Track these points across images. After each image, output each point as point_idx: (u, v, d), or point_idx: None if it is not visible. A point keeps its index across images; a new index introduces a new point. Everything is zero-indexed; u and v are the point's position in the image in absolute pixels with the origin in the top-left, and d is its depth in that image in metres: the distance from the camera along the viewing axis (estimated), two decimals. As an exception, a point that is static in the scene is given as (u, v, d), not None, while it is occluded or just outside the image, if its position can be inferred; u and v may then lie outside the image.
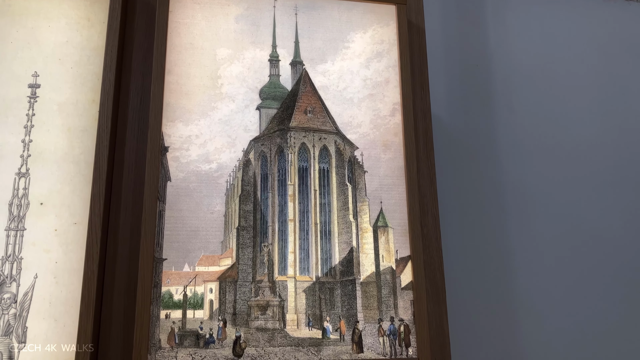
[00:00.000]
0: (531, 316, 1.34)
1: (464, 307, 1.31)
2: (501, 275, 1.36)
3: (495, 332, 1.31)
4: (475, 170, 1.44)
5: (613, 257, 1.43)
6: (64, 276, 0.98)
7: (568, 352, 1.33)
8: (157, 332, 0.99)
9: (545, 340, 1.33)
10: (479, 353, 1.29)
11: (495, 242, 1.38)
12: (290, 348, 1.02)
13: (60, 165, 1.03)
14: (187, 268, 1.03)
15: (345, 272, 1.10)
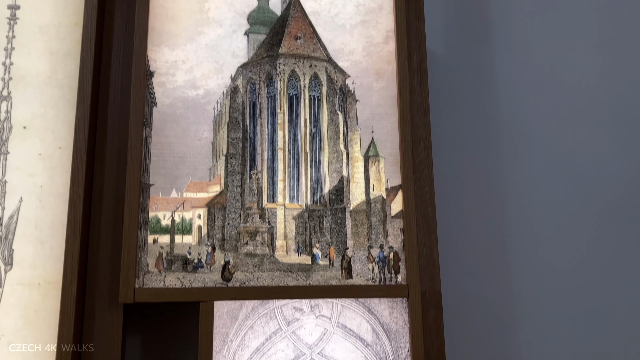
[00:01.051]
0: (524, 247, 1.34)
1: (455, 238, 1.30)
2: (494, 208, 1.35)
3: (486, 262, 1.31)
4: (471, 105, 1.41)
5: (609, 193, 1.42)
6: (50, 200, 0.97)
7: (561, 285, 1.34)
8: (145, 257, 0.98)
9: (537, 269, 1.33)
10: (470, 282, 1.29)
11: (489, 176, 1.37)
12: (280, 273, 1.02)
13: (43, 89, 1.01)
14: (174, 194, 1.02)
15: (335, 200, 1.09)
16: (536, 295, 1.32)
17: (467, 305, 1.28)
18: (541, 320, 1.31)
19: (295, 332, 1.00)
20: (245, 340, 0.98)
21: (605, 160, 1.44)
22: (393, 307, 1.05)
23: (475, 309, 1.28)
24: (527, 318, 1.30)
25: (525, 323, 1.30)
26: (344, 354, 1.01)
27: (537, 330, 1.30)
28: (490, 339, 1.27)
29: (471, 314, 1.28)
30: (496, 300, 1.30)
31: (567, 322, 1.32)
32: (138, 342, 1.12)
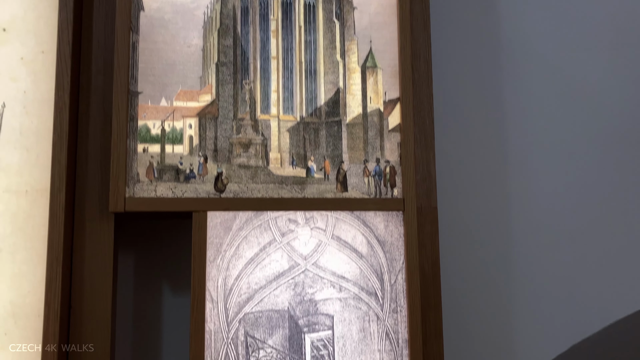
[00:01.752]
0: (522, 166, 1.32)
1: (453, 153, 1.28)
2: (494, 126, 1.32)
3: (484, 179, 1.30)
4: (473, 23, 1.35)
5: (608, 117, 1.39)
6: (34, 106, 0.93)
7: (560, 198, 1.33)
8: (135, 166, 0.96)
9: (536, 187, 1.32)
10: (466, 200, 1.28)
11: (489, 94, 1.33)
12: (274, 185, 1.00)
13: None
14: (164, 102, 0.98)
15: (330, 113, 1.05)
16: (533, 211, 1.31)
17: (463, 222, 1.27)
18: (538, 232, 1.30)
19: (290, 243, 0.99)
20: (239, 250, 0.97)
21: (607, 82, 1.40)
22: (388, 221, 1.04)
23: (471, 226, 1.27)
24: (524, 234, 1.30)
25: (522, 239, 1.29)
26: (339, 265, 1.00)
27: (534, 241, 1.30)
28: (486, 255, 1.27)
29: (468, 230, 1.27)
30: (493, 218, 1.29)
31: (564, 236, 1.31)
32: (131, 259, 1.11)
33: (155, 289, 1.12)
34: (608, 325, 1.36)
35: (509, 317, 1.28)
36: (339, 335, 0.99)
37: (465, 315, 1.25)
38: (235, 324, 0.95)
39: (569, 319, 1.32)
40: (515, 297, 1.29)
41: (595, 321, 1.35)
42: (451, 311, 1.21)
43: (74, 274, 0.94)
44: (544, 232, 1.31)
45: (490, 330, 1.27)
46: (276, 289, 0.98)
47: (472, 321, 1.26)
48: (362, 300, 1.01)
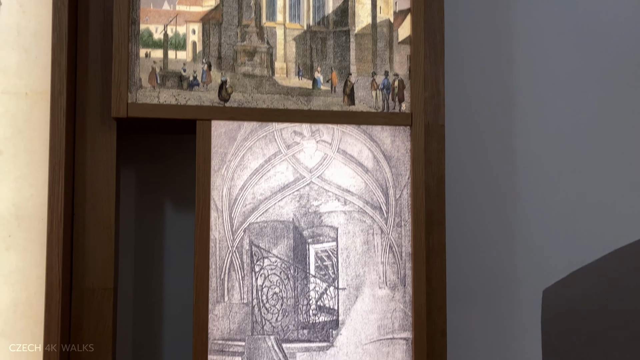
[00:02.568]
0: (530, 90, 1.30)
1: (462, 72, 1.25)
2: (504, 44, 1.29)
3: (494, 99, 1.27)
4: None
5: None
6: (31, 5, 0.89)
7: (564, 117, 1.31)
8: (137, 71, 0.93)
9: (543, 113, 1.30)
10: (473, 117, 1.26)
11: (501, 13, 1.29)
12: (279, 96, 0.98)
13: None
14: (166, 6, 0.95)
15: (339, 22, 1.02)
16: (540, 136, 1.30)
17: (469, 140, 1.26)
18: (544, 156, 1.30)
19: (295, 155, 0.98)
20: (244, 161, 0.96)
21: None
22: (395, 136, 1.02)
23: (477, 144, 1.26)
24: (530, 156, 1.29)
25: (528, 161, 1.29)
26: (344, 179, 0.99)
27: (539, 165, 1.30)
28: (491, 175, 1.27)
29: (473, 148, 1.26)
30: (500, 138, 1.28)
31: (569, 163, 1.31)
32: (133, 175, 1.10)
33: (158, 204, 1.12)
34: (607, 253, 1.38)
35: (512, 239, 1.29)
36: (343, 247, 0.99)
37: (469, 235, 1.26)
38: (240, 233, 0.95)
39: (570, 245, 1.33)
40: (518, 220, 1.29)
41: (595, 249, 1.36)
42: (454, 230, 1.21)
43: (76, 180, 0.93)
44: (550, 157, 1.30)
45: (492, 253, 1.28)
46: (281, 200, 0.97)
47: (475, 241, 1.26)
48: (367, 213, 1.00)
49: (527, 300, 1.32)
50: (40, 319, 0.85)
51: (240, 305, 0.94)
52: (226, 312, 0.94)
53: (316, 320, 0.97)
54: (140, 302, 1.08)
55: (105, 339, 0.93)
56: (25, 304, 0.86)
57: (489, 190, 1.27)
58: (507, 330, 1.30)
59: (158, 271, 1.11)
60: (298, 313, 0.97)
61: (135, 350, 1.08)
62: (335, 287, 0.98)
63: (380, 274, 1.00)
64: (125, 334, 1.07)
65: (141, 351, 1.09)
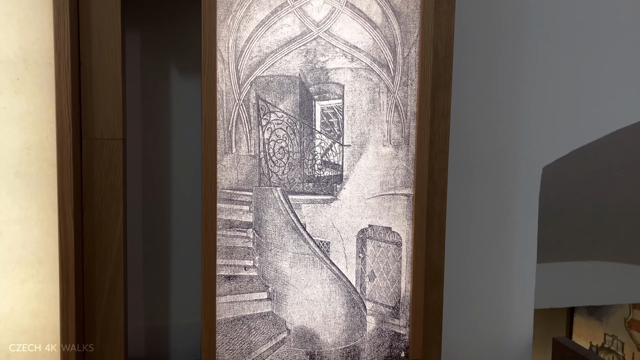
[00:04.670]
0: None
1: None
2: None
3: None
4: None
5: None
6: None
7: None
8: None
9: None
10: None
11: None
12: (286, -56, 0.94)
13: None
14: None
15: None
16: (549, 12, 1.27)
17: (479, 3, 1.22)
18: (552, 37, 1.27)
19: (302, 7, 0.96)
20: (250, 11, 0.94)
21: None
22: (405, -9, 0.99)
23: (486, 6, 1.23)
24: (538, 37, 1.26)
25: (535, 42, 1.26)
26: (352, 35, 0.98)
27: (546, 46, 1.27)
28: (499, 55, 1.25)
29: (483, 9, 1.23)
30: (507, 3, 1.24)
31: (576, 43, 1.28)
32: (137, 40, 1.08)
33: (163, 65, 1.11)
34: (608, 133, 1.39)
35: (516, 118, 1.29)
36: (348, 105, 1.00)
37: (473, 100, 1.26)
38: (247, 87, 0.95)
39: (571, 125, 1.34)
40: (524, 92, 1.29)
41: (596, 130, 1.37)
42: (460, 95, 1.21)
43: (82, 27, 0.91)
44: (558, 37, 1.28)
45: (496, 131, 1.29)
46: (287, 55, 0.96)
47: (479, 109, 1.27)
48: (374, 71, 1.00)
49: (527, 176, 1.34)
50: (53, 162, 0.88)
51: (248, 157, 0.97)
52: (234, 163, 0.96)
53: (321, 174, 1.00)
54: (148, 155, 1.11)
55: (116, 191, 0.96)
56: (38, 146, 0.87)
57: (497, 58, 1.26)
58: (506, 204, 1.34)
59: (165, 125, 1.12)
60: (304, 167, 0.99)
61: (145, 204, 1.12)
62: (340, 143, 1.00)
63: (385, 132, 1.01)
64: (135, 185, 1.10)
65: (150, 206, 1.12)
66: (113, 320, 0.95)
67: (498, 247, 1.33)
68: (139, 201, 1.10)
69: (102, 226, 0.95)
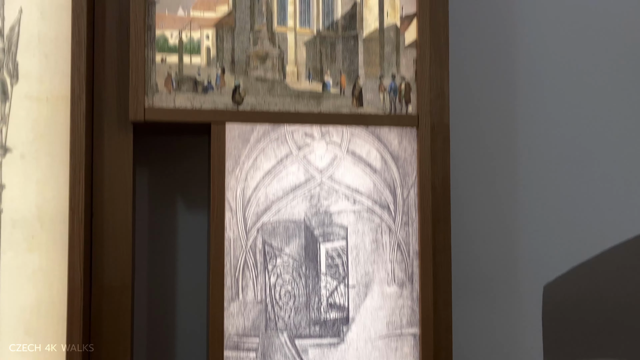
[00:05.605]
0: (532, 87, 1.33)
1: (465, 74, 1.28)
2: (506, 43, 1.32)
3: (495, 97, 1.31)
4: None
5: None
6: (51, 11, 0.92)
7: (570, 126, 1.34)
8: (154, 76, 0.96)
9: (545, 113, 1.33)
10: (477, 118, 1.29)
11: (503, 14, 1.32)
12: (290, 99, 1.01)
13: None
14: (181, 12, 0.97)
15: (347, 26, 1.05)
16: (542, 134, 1.33)
17: (472, 139, 1.29)
18: (546, 154, 1.33)
19: (306, 156, 1.01)
20: (257, 162, 0.99)
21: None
22: (402, 137, 1.05)
23: (480, 143, 1.29)
24: (531, 155, 1.32)
25: (529, 160, 1.32)
26: (353, 179, 1.03)
27: (541, 162, 1.33)
28: (493, 173, 1.30)
29: (476, 147, 1.29)
30: (501, 136, 1.31)
31: (571, 157, 1.34)
32: (145, 176, 1.13)
33: (171, 204, 1.14)
34: (607, 249, 1.41)
35: (514, 234, 1.32)
36: (352, 246, 1.02)
37: (472, 232, 1.29)
38: (254, 233, 0.98)
39: (571, 242, 1.37)
40: (520, 216, 1.32)
41: (596, 245, 1.39)
42: (458, 226, 1.24)
43: (95, 181, 0.96)
44: (552, 154, 1.34)
45: (494, 248, 1.32)
46: (293, 200, 1.00)
47: (478, 237, 1.30)
48: (375, 213, 1.04)
49: (528, 295, 1.35)
50: (62, 317, 0.88)
51: (254, 303, 0.98)
52: (240, 310, 0.97)
53: (327, 317, 1.01)
54: (154, 299, 1.11)
55: (124, 335, 0.96)
56: (48, 302, 0.89)
57: (491, 187, 1.30)
58: (509, 325, 1.33)
59: (170, 269, 1.14)
60: (310, 310, 1.00)
61: (150, 346, 1.11)
62: (346, 284, 1.02)
63: (389, 272, 1.03)
64: (141, 330, 1.10)
65: (155, 347, 1.12)
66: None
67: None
68: (144, 347, 1.10)
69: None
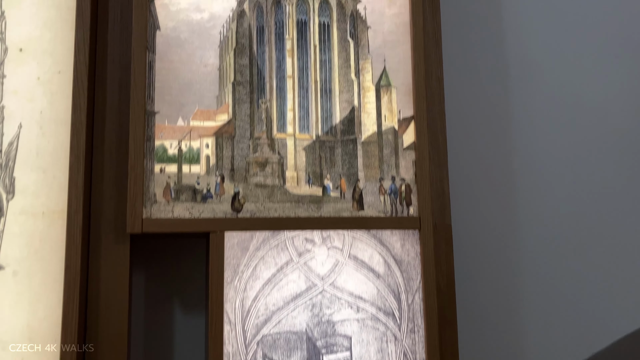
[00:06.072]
0: (531, 182, 1.33)
1: (464, 172, 1.28)
2: (502, 143, 1.33)
3: (495, 196, 1.30)
4: (480, 35, 1.36)
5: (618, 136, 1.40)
6: (50, 126, 0.92)
7: (569, 216, 1.33)
8: (152, 187, 0.95)
9: (544, 206, 1.32)
10: (477, 217, 1.28)
11: (498, 111, 1.34)
12: (290, 204, 1.00)
13: (39, 8, 0.94)
14: (181, 122, 0.98)
15: (346, 131, 1.05)
16: (543, 230, 1.32)
17: (475, 239, 1.27)
18: (548, 249, 1.31)
19: (307, 263, 0.99)
20: (256, 271, 0.96)
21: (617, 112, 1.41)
22: (405, 239, 1.04)
23: (482, 243, 1.28)
24: (534, 251, 1.30)
25: (532, 255, 1.30)
26: (356, 285, 1.00)
27: (543, 264, 1.31)
28: (497, 272, 1.28)
29: (479, 247, 1.27)
30: (503, 234, 1.29)
31: (573, 254, 1.32)
32: (142, 277, 1.10)
33: (167, 308, 1.11)
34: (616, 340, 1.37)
35: (520, 333, 1.28)
36: (357, 357, 0.98)
37: (478, 332, 1.25)
38: (254, 346, 0.94)
39: (578, 334, 1.33)
40: (526, 313, 1.29)
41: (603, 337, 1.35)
42: (464, 327, 1.20)
43: (90, 297, 0.93)
44: (554, 249, 1.32)
45: (501, 346, 1.27)
46: (294, 310, 0.97)
47: (484, 337, 1.25)
48: (380, 320, 1.00)
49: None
50: None
51: (255, 422, 0.92)
52: None
53: None
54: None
55: None
56: None
57: (495, 283, 1.27)
58: None
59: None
60: None
61: None
62: (351, 397, 0.97)
63: (396, 382, 0.99)
64: None
65: None
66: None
67: None
68: None
69: None
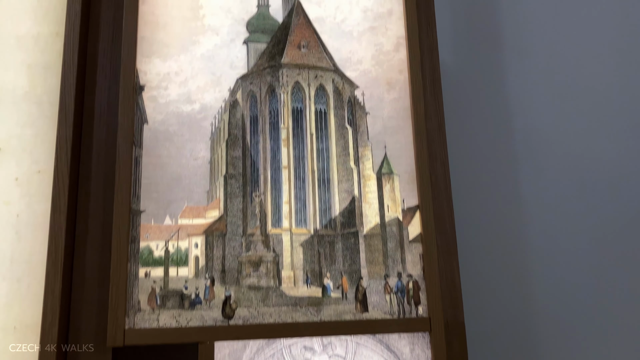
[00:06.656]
0: (544, 270, 1.24)
1: (475, 262, 1.20)
2: (513, 225, 1.25)
3: (508, 288, 1.21)
4: (484, 115, 1.32)
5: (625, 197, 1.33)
6: (27, 231, 0.86)
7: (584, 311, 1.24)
8: (136, 293, 0.87)
9: (559, 288, 1.23)
10: (491, 310, 1.19)
11: (507, 192, 1.27)
12: (287, 308, 0.91)
13: (20, 106, 0.90)
14: (168, 221, 0.91)
15: (346, 223, 0.98)
16: (558, 315, 1.22)
17: (489, 335, 1.17)
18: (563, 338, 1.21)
19: (306, 374, 0.89)
20: (250, 385, 0.87)
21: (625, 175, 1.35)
22: (414, 343, 0.94)
23: (497, 339, 1.18)
24: (550, 341, 1.20)
25: (548, 345, 1.19)
26: (361, 398, 0.90)
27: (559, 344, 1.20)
28: None
29: (494, 345, 1.17)
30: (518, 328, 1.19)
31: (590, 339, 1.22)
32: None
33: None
34: None
35: None
36: None
37: None
38: None
39: None
40: None
41: None
42: None
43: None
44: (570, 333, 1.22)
45: None
46: None
47: None
48: None
49: None
50: None
51: None
52: None
53: None
54: None
55: None
56: None
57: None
58: None
59: None
60: None
61: None
62: None
63: None
64: None
65: None
66: None
67: None
68: None
69: None
